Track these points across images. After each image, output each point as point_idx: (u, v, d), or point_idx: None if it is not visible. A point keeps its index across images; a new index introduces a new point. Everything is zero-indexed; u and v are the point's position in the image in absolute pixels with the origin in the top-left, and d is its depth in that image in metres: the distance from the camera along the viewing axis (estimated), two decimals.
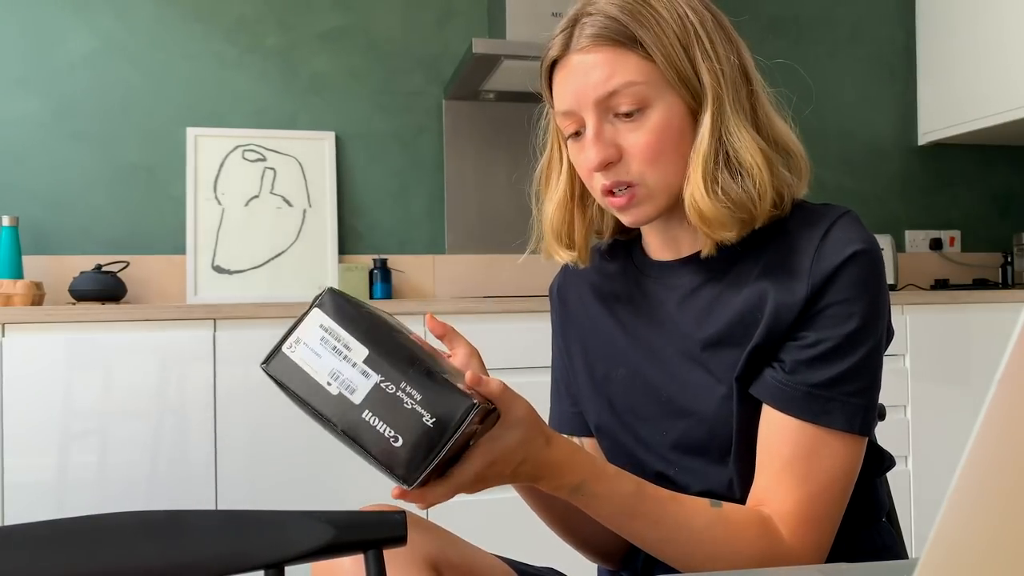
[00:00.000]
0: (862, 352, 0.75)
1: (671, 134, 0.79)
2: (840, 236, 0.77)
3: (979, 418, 0.25)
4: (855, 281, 0.75)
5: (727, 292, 0.82)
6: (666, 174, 0.79)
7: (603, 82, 0.78)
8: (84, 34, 2.40)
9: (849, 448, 0.75)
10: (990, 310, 2.32)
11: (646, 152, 0.78)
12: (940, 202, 3.01)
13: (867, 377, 0.76)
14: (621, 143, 0.79)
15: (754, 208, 0.78)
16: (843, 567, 0.55)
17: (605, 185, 0.80)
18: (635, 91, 0.77)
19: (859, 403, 0.75)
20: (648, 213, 0.81)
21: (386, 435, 0.58)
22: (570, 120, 0.81)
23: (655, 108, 0.78)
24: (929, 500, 2.23)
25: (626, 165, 0.79)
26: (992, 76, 2.64)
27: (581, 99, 0.79)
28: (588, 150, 0.80)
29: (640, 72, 0.77)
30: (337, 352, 0.60)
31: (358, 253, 2.54)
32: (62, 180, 2.37)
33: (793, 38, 2.91)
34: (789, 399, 0.75)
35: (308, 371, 0.60)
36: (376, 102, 2.59)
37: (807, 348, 0.76)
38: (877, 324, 0.77)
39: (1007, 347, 0.25)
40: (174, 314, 1.89)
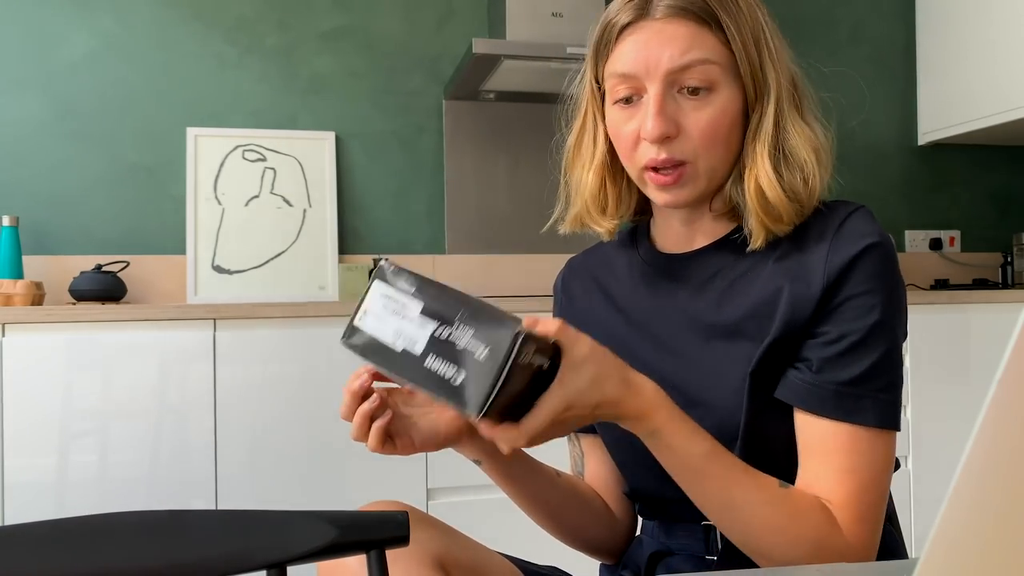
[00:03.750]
0: (885, 345, 0.76)
1: (729, 121, 0.80)
2: (854, 229, 0.78)
3: (979, 418, 0.25)
4: (872, 273, 0.76)
5: (740, 283, 0.82)
6: (717, 159, 0.80)
7: (680, 54, 0.77)
8: (84, 34, 2.40)
9: (885, 444, 0.76)
10: (990, 310, 2.32)
11: (706, 133, 0.79)
12: (940, 202, 3.01)
13: (893, 371, 0.77)
14: (682, 120, 0.79)
15: (808, 201, 0.80)
16: (843, 567, 0.55)
17: (654, 160, 0.80)
18: (708, 70, 0.78)
19: (888, 398, 0.76)
20: (690, 195, 0.82)
21: (448, 376, 0.61)
22: (627, 84, 0.80)
23: (720, 92, 0.79)
24: (929, 500, 2.23)
25: (682, 143, 0.79)
26: (992, 76, 2.64)
27: (652, 66, 0.78)
28: (647, 120, 0.78)
29: (717, 53, 0.78)
30: (396, 313, 0.65)
31: (358, 253, 2.54)
32: (62, 180, 2.37)
33: (793, 38, 2.90)
34: (820, 400, 0.75)
35: (377, 336, 0.65)
36: (376, 102, 2.59)
37: (831, 344, 0.76)
38: (897, 316, 0.77)
39: (1007, 347, 0.25)
40: (174, 314, 1.89)
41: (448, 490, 1.98)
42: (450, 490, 1.98)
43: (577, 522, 0.92)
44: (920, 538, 2.17)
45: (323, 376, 1.92)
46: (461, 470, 2.05)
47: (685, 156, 0.79)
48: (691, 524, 0.86)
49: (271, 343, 1.93)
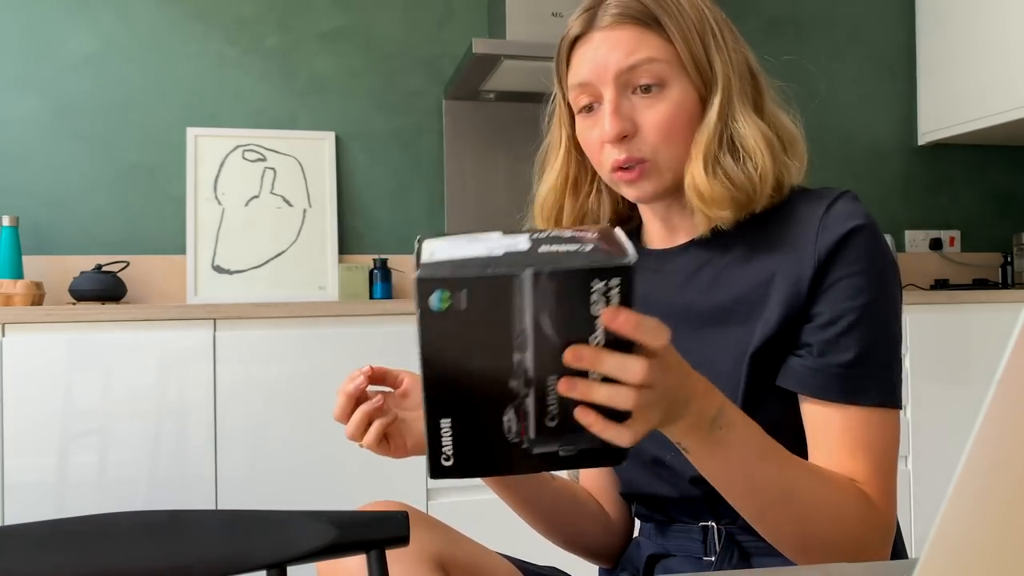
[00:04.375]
0: (881, 323, 0.78)
1: (684, 115, 0.82)
2: (842, 210, 0.79)
3: (979, 418, 0.25)
4: (862, 253, 0.77)
5: (729, 270, 0.84)
6: (675, 153, 0.82)
7: (627, 55, 0.81)
8: (84, 34, 2.40)
9: (891, 422, 0.78)
10: (990, 310, 2.32)
11: (661, 127, 0.81)
12: (940, 202, 3.01)
13: (891, 348, 0.79)
14: (637, 118, 0.82)
15: (753, 191, 0.80)
16: (843, 566, 0.55)
17: (617, 160, 0.82)
18: (655, 68, 0.81)
19: (890, 376, 0.78)
20: (654, 188, 0.83)
21: (574, 249, 0.53)
22: (585, 93, 0.84)
23: (672, 88, 0.82)
24: (929, 500, 2.23)
25: (640, 141, 0.82)
26: (992, 76, 2.64)
27: (601, 71, 0.82)
28: (604, 122, 0.82)
29: (661, 51, 0.81)
30: (472, 242, 0.55)
31: (358, 253, 2.54)
32: (62, 180, 2.37)
33: (793, 38, 2.91)
34: (823, 385, 0.76)
35: (462, 257, 0.53)
36: (376, 102, 2.59)
37: (828, 327, 0.77)
38: (891, 294, 0.79)
39: (1007, 347, 0.25)
40: (174, 314, 1.89)
41: (448, 490, 1.98)
42: (450, 490, 1.98)
43: (573, 526, 0.92)
44: (920, 538, 2.17)
45: (323, 376, 1.92)
46: None
47: (644, 153, 0.82)
48: (689, 525, 0.86)
49: (271, 343, 1.93)
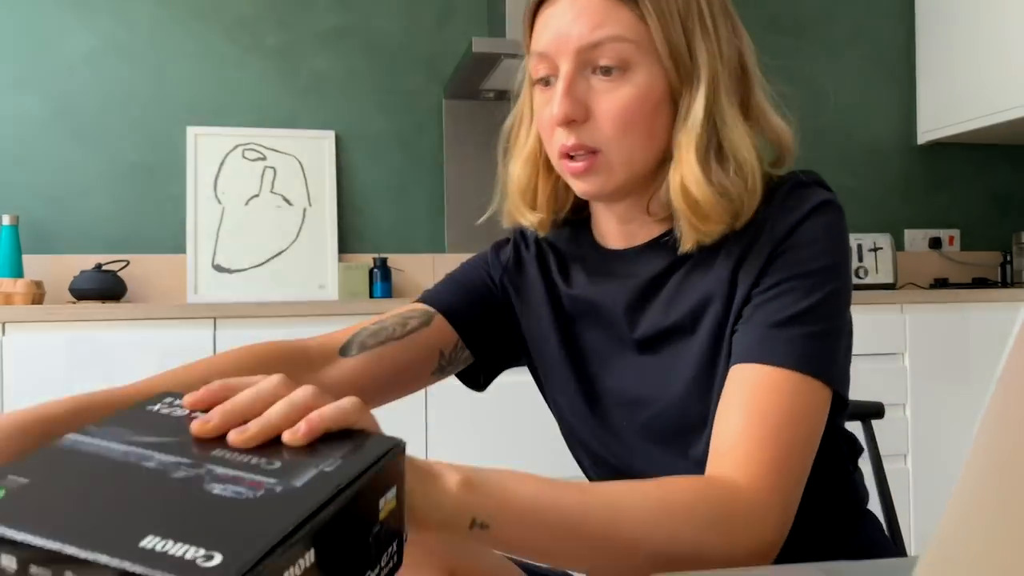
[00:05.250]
0: (821, 294, 0.70)
1: (647, 106, 0.72)
2: (800, 194, 0.74)
3: (980, 417, 0.25)
4: (816, 227, 0.72)
5: (688, 281, 0.77)
6: (632, 148, 0.73)
7: (590, 30, 0.71)
8: (84, 33, 2.40)
9: (808, 391, 0.67)
10: (989, 309, 2.32)
11: (618, 118, 0.72)
12: (939, 201, 3.01)
13: (828, 321, 0.70)
14: (592, 103, 0.73)
15: (741, 205, 0.72)
16: (843, 565, 0.55)
17: (565, 146, 0.74)
18: (621, 48, 0.71)
19: (817, 345, 0.68)
20: (604, 186, 0.75)
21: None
22: (543, 64, 0.75)
23: (636, 72, 0.72)
24: (929, 499, 2.24)
25: (592, 129, 0.73)
26: (992, 75, 2.64)
27: (561, 43, 0.72)
28: (555, 102, 0.72)
29: (631, 29, 0.71)
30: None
31: (358, 252, 2.54)
32: (62, 179, 2.37)
33: (793, 38, 2.91)
34: (744, 349, 0.69)
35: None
36: (376, 101, 2.59)
37: (765, 291, 0.71)
38: (840, 270, 0.72)
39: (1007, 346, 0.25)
40: (174, 313, 1.89)
41: None
42: None
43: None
44: (920, 537, 2.17)
45: None
46: None
47: (596, 143, 0.73)
48: None
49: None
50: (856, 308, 0.73)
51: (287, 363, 0.74)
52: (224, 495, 0.39)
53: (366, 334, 0.81)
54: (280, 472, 0.41)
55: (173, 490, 0.40)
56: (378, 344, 0.80)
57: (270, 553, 0.35)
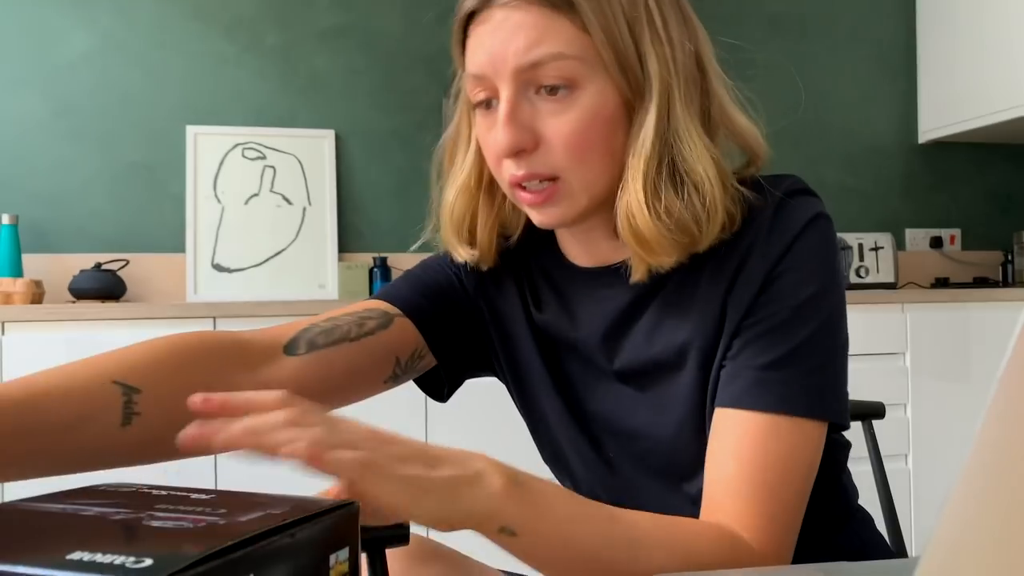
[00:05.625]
0: (817, 321, 0.65)
1: (601, 125, 0.65)
2: (790, 210, 0.68)
3: (980, 417, 0.25)
4: (805, 248, 0.66)
5: (672, 305, 0.70)
6: (591, 172, 0.66)
7: (527, 49, 0.63)
8: (84, 33, 2.39)
9: (808, 435, 0.64)
10: (990, 308, 2.32)
11: (572, 143, 0.65)
12: (940, 200, 3.01)
13: (824, 354, 0.66)
14: (540, 128, 0.65)
15: (699, 232, 0.65)
16: (844, 566, 0.55)
17: (515, 176, 0.66)
18: (564, 66, 0.64)
19: (817, 383, 0.65)
20: (565, 215, 0.68)
21: None
22: (481, 86, 0.67)
23: (586, 90, 0.65)
24: (929, 499, 2.23)
25: (544, 155, 0.66)
26: (993, 74, 2.63)
27: (498, 64, 0.65)
28: (498, 131, 0.65)
29: (574, 44, 0.64)
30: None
31: (358, 251, 2.54)
32: (62, 178, 2.37)
33: (794, 37, 2.90)
34: (739, 392, 0.64)
35: None
36: (376, 100, 2.59)
37: (755, 326, 0.65)
38: (833, 293, 0.67)
39: (1008, 345, 0.25)
40: (174, 312, 1.89)
41: None
42: None
43: None
44: (920, 537, 2.17)
45: None
46: None
47: (552, 170, 0.66)
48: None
49: None
50: (857, 308, 0.71)
51: (220, 358, 0.67)
52: (164, 526, 0.37)
53: (316, 331, 0.73)
54: (225, 515, 0.39)
55: (110, 524, 0.38)
56: (329, 344, 0.72)
57: (203, 562, 0.33)
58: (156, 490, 0.44)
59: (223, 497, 0.43)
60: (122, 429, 0.59)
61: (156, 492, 0.43)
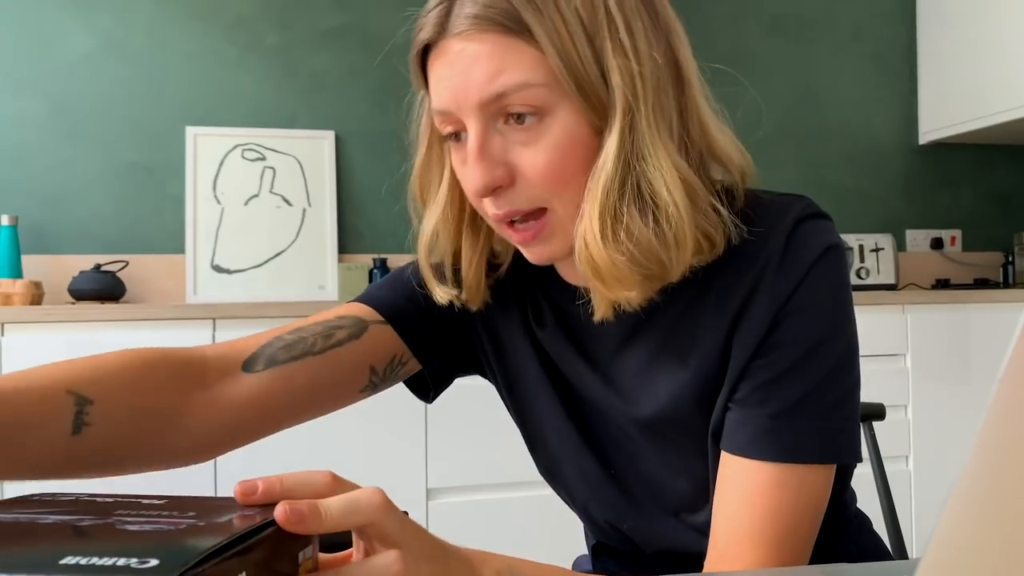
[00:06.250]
0: (828, 366, 0.62)
1: (576, 152, 0.61)
2: (801, 240, 0.64)
3: (981, 418, 0.25)
4: (818, 284, 0.63)
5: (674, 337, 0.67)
6: (574, 200, 0.62)
7: (488, 80, 0.60)
8: (83, 33, 2.39)
9: (819, 480, 0.62)
10: (991, 309, 2.32)
11: (548, 173, 0.61)
12: (941, 201, 3.01)
13: (837, 394, 0.63)
14: (514, 160, 0.62)
15: (667, 260, 0.61)
16: (844, 567, 0.55)
17: (497, 214, 0.63)
18: (529, 95, 0.60)
19: (829, 427, 0.62)
20: (559, 248, 0.65)
21: None
22: (447, 121, 0.64)
23: (555, 116, 0.61)
24: (929, 500, 2.23)
25: (524, 190, 0.62)
26: (993, 75, 2.63)
27: (461, 99, 0.61)
28: (471, 168, 0.62)
29: (535, 69, 0.60)
30: None
31: (358, 252, 2.54)
32: (61, 179, 2.36)
33: (794, 37, 2.90)
34: (748, 440, 0.62)
35: None
36: (376, 101, 2.59)
37: (765, 369, 0.63)
38: (845, 331, 0.64)
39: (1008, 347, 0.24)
40: (173, 314, 1.89)
41: (448, 490, 1.97)
42: (450, 490, 1.97)
43: None
44: (920, 538, 2.17)
45: None
46: (461, 470, 2.05)
47: (536, 203, 0.62)
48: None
49: None
50: (857, 309, 0.70)
51: (178, 375, 0.65)
52: (144, 529, 0.36)
53: (279, 346, 0.70)
54: (197, 517, 0.39)
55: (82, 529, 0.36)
56: (291, 359, 0.69)
57: (208, 560, 0.33)
58: (100, 498, 0.42)
59: (176, 501, 0.42)
60: (72, 438, 0.57)
61: (103, 500, 0.42)
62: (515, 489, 1.94)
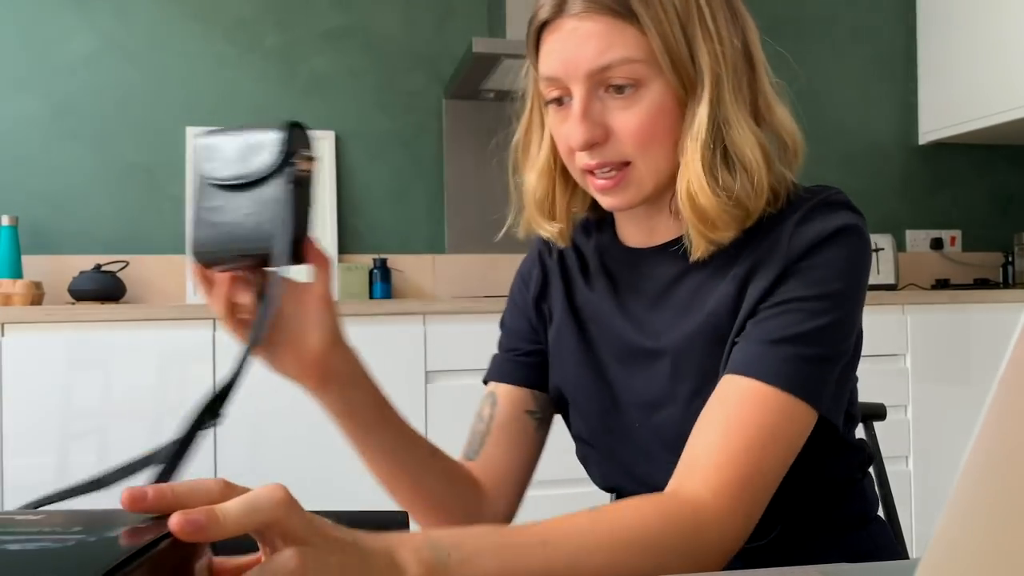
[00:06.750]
0: (827, 319, 0.69)
1: (663, 118, 0.73)
2: (825, 213, 0.73)
3: (980, 418, 0.25)
4: (835, 250, 0.72)
5: (705, 287, 0.77)
6: (657, 160, 0.75)
7: (598, 54, 0.72)
8: (84, 34, 2.39)
9: (795, 415, 0.67)
10: (991, 310, 2.32)
11: (639, 134, 0.73)
12: (941, 202, 3.01)
13: (828, 346, 0.70)
14: (610, 122, 0.74)
15: (751, 207, 0.73)
16: (843, 567, 0.55)
17: (589, 164, 0.75)
18: (631, 68, 0.72)
19: (811, 368, 0.68)
20: (633, 198, 0.76)
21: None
22: (554, 86, 0.75)
23: (649, 88, 0.73)
24: (929, 500, 2.23)
25: (614, 146, 0.74)
26: (992, 76, 2.63)
27: (571, 68, 0.73)
28: (573, 127, 0.74)
29: (637, 48, 0.71)
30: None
31: (358, 252, 2.54)
32: (62, 180, 2.37)
33: (794, 37, 2.90)
34: (738, 362, 0.69)
35: None
36: (376, 101, 2.59)
37: (771, 307, 0.71)
38: (852, 299, 0.72)
39: (1008, 347, 0.25)
40: (174, 314, 1.89)
41: None
42: None
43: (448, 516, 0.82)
44: (920, 538, 2.17)
45: None
46: None
47: (624, 156, 0.74)
48: None
49: None
50: None
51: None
52: (28, 548, 0.33)
53: (468, 451, 0.89)
54: (85, 532, 0.37)
55: None
56: (480, 447, 0.88)
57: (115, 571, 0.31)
58: None
59: (55, 516, 0.40)
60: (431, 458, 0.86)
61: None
62: None
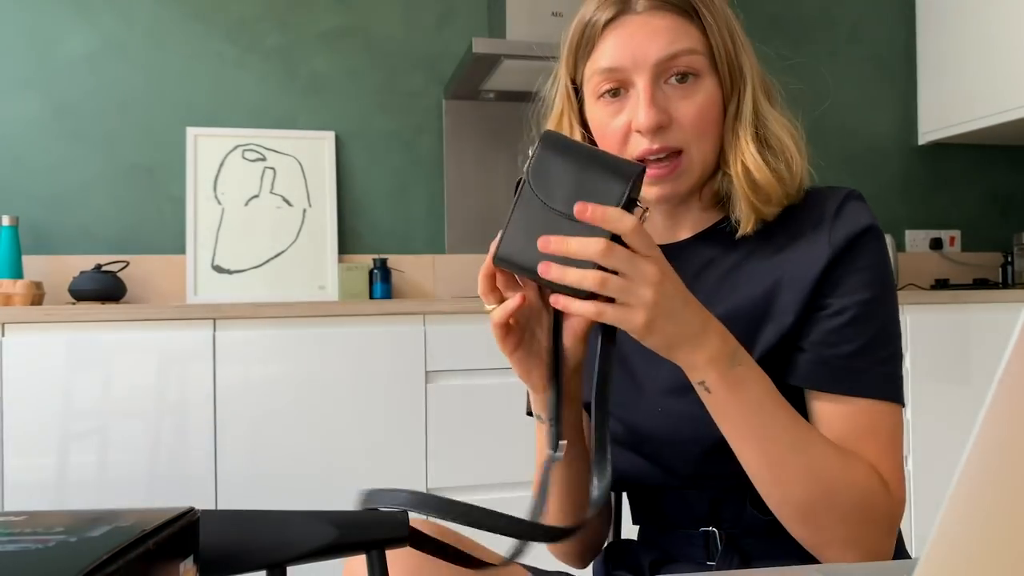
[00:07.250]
0: (883, 319, 0.79)
1: (715, 109, 0.82)
2: (855, 208, 0.81)
3: (979, 418, 0.25)
4: (870, 252, 0.79)
5: (732, 276, 0.83)
6: (706, 149, 0.82)
7: (667, 44, 0.79)
8: (84, 34, 2.40)
9: (894, 416, 0.78)
10: (990, 310, 2.32)
11: (696, 120, 0.80)
12: (940, 202, 3.01)
13: (893, 345, 0.79)
14: (672, 109, 0.80)
15: (789, 187, 0.81)
16: (843, 567, 0.55)
17: (648, 149, 0.80)
18: (693, 60, 0.80)
19: (891, 372, 0.78)
20: (685, 186, 0.82)
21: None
22: (613, 78, 0.81)
23: (705, 80, 0.81)
24: (929, 500, 2.23)
25: (675, 132, 0.80)
26: (992, 76, 2.63)
27: (640, 58, 0.80)
28: (640, 111, 0.80)
29: (699, 43, 0.81)
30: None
31: (358, 253, 2.54)
32: (62, 180, 2.37)
33: (793, 38, 2.91)
34: (828, 377, 0.77)
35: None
36: (376, 102, 2.59)
37: (833, 317, 0.78)
38: (892, 294, 0.81)
39: (1007, 347, 0.25)
40: (174, 314, 1.89)
41: (448, 490, 1.98)
42: (450, 490, 1.98)
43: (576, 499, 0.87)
44: (920, 538, 2.17)
45: (323, 376, 1.92)
46: (461, 470, 2.05)
47: (679, 143, 0.81)
48: (689, 531, 0.86)
49: (271, 343, 1.92)
50: None
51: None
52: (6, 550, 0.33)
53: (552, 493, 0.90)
54: (67, 532, 0.37)
55: None
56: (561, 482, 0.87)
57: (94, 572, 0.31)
58: None
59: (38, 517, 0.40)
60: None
61: None
62: (515, 489, 1.94)
